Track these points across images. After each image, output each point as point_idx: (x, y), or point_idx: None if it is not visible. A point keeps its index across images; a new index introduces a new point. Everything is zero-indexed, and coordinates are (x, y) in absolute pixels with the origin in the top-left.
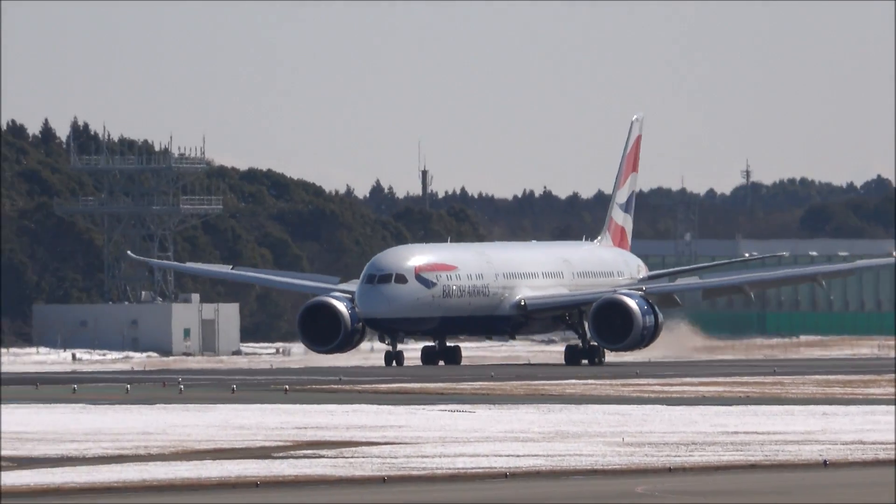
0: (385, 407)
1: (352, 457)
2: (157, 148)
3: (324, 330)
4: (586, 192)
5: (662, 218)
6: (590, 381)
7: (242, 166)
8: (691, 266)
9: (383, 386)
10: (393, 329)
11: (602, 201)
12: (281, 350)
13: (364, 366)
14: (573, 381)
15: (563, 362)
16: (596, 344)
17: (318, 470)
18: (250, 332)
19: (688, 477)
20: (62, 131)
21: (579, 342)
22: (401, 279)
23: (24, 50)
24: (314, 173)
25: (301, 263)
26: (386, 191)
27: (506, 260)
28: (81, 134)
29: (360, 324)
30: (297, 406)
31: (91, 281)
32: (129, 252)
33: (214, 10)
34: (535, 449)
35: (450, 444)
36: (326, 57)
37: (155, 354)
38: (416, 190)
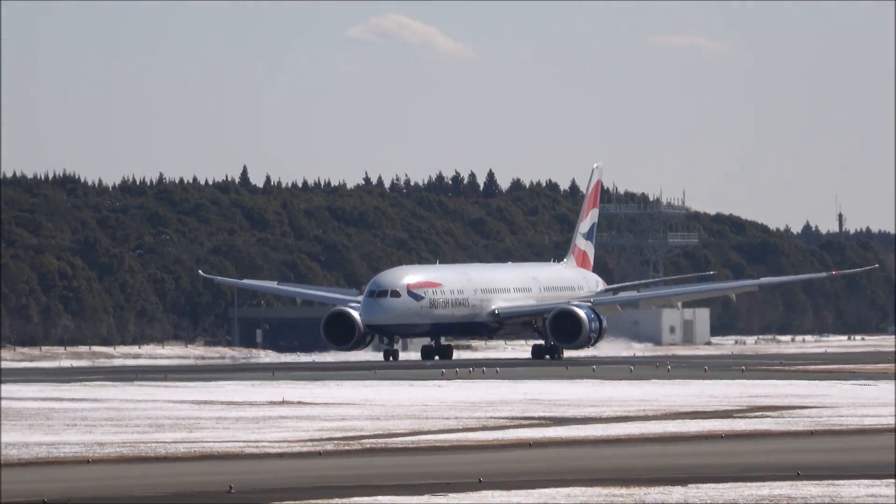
0: (813, 382)
1: (789, 416)
2: (650, 198)
3: (343, 333)
4: None
5: None
6: None
7: (712, 211)
8: (635, 282)
9: (811, 367)
10: (389, 333)
11: None
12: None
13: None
14: None
15: (531, 357)
16: (554, 343)
17: (764, 426)
18: (717, 329)
19: None
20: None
21: (543, 342)
22: (395, 294)
23: (548, 120)
24: (761, 216)
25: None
26: (813, 229)
27: (484, 278)
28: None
29: None
30: (750, 381)
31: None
32: (200, 272)
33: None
34: None
35: (859, 407)
36: (773, 116)
37: (650, 344)
38: (834, 228)
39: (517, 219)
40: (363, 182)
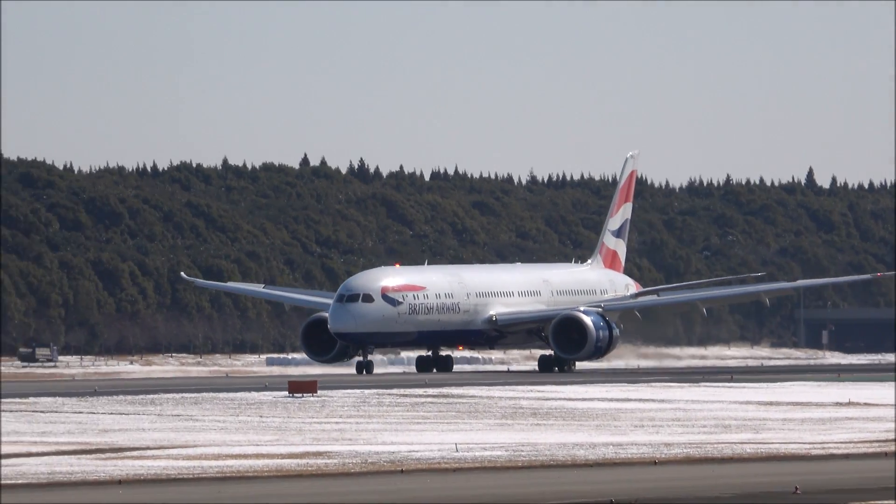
0: None
1: None
2: None
3: (322, 343)
4: None
5: None
6: None
7: None
8: (662, 286)
9: None
10: (361, 342)
11: None
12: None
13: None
14: None
15: (538, 370)
16: (557, 354)
17: None
18: None
19: None
20: None
21: (551, 352)
22: (367, 298)
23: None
24: None
25: None
26: None
27: (479, 281)
28: None
29: None
30: None
31: None
32: (182, 273)
33: None
34: None
35: None
36: None
37: None
38: None
39: None
40: None
